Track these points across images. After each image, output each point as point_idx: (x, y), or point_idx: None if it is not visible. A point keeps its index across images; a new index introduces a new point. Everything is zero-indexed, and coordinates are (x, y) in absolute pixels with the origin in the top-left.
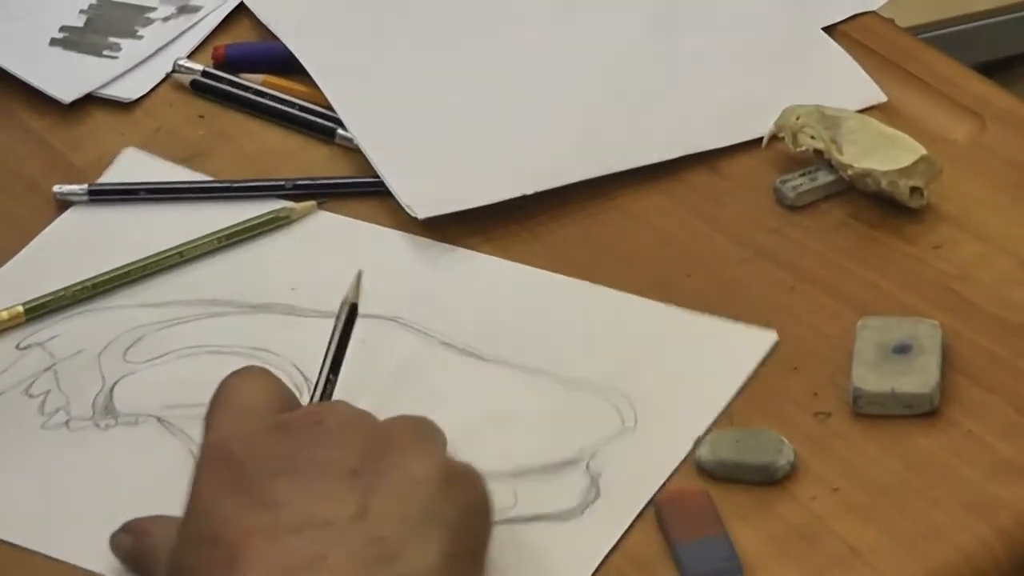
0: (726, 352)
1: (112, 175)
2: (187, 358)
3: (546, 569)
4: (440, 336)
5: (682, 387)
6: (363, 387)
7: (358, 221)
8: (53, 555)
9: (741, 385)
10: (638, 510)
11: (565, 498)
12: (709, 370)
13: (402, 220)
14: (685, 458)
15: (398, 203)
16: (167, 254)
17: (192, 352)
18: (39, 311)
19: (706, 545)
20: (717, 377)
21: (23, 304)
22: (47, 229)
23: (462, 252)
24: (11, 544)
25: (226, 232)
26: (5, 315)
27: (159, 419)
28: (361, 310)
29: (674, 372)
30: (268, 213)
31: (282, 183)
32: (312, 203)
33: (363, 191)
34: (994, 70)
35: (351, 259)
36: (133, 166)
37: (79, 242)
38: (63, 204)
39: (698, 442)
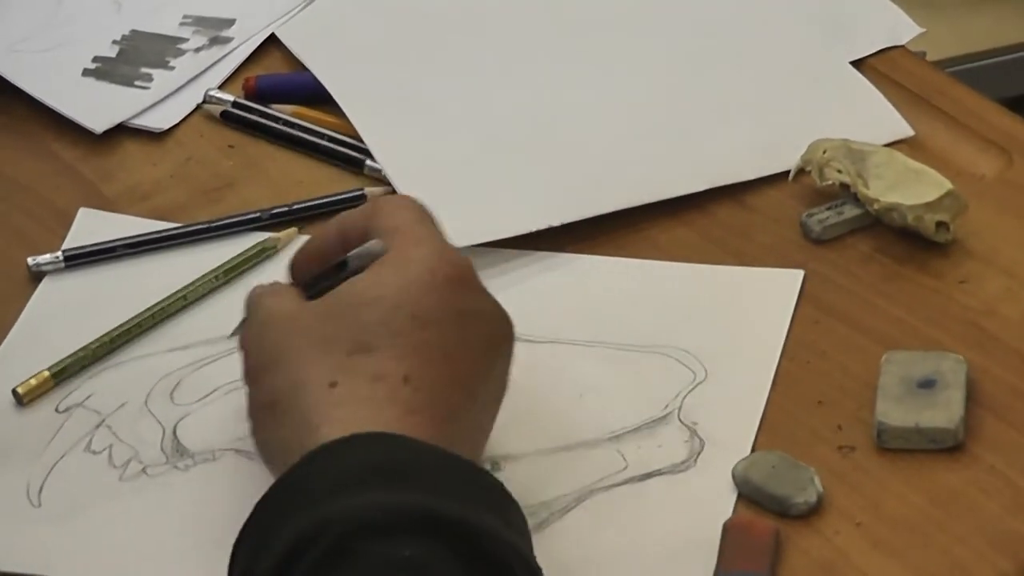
0: (763, 296)
1: (76, 239)
2: (235, 392)
3: (679, 518)
4: None
5: (735, 333)
6: None
7: None
8: None
9: (789, 323)
10: (747, 451)
11: (673, 452)
12: (754, 314)
13: None
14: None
15: None
16: (172, 299)
17: (237, 387)
18: (65, 373)
19: None
20: (764, 319)
21: (48, 369)
22: (29, 302)
23: (471, 250)
24: None
25: (223, 269)
26: (34, 382)
27: (236, 451)
28: None
29: (721, 321)
30: (256, 246)
31: (258, 215)
32: (293, 230)
33: (340, 208)
34: (1017, 104)
35: None
36: (94, 225)
37: (67, 309)
38: (38, 275)
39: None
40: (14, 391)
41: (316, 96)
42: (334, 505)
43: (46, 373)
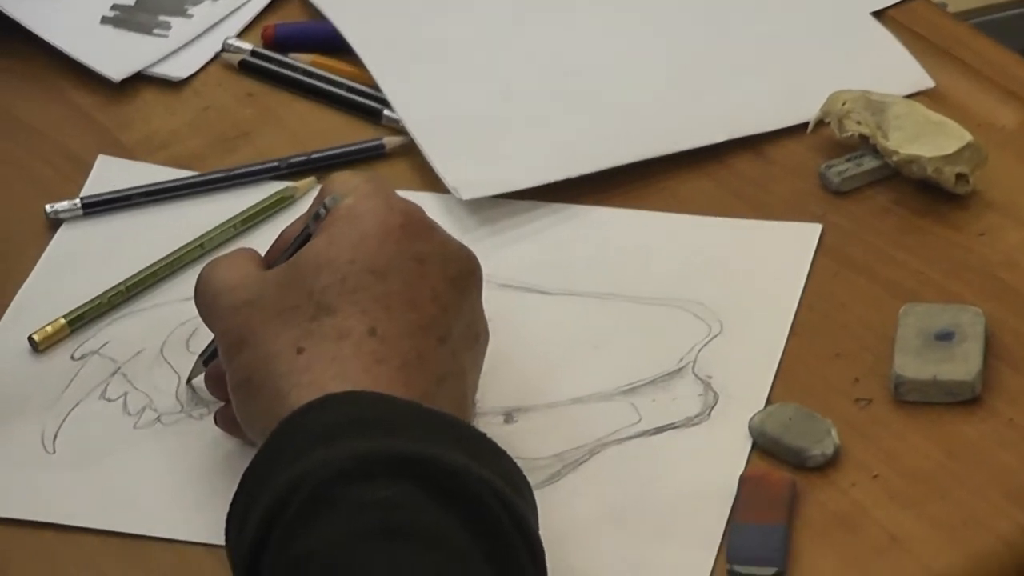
0: (780, 250)
1: (94, 186)
2: None
3: (693, 471)
4: (496, 279)
5: (751, 287)
6: None
7: None
8: (192, 540)
9: (806, 277)
10: (761, 404)
11: (687, 405)
12: (771, 268)
13: (406, 180)
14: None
15: (398, 166)
16: (189, 247)
17: None
18: (81, 321)
19: (760, 532)
20: (781, 273)
21: (64, 316)
22: (47, 249)
23: (485, 202)
24: (143, 537)
25: (241, 218)
26: (50, 329)
27: None
28: None
29: (738, 275)
30: (274, 195)
31: (276, 164)
32: (312, 179)
33: (359, 158)
34: None
35: None
36: (112, 173)
37: (83, 256)
38: (55, 222)
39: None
40: (30, 338)
41: (334, 45)
42: (309, 460)
43: (62, 320)
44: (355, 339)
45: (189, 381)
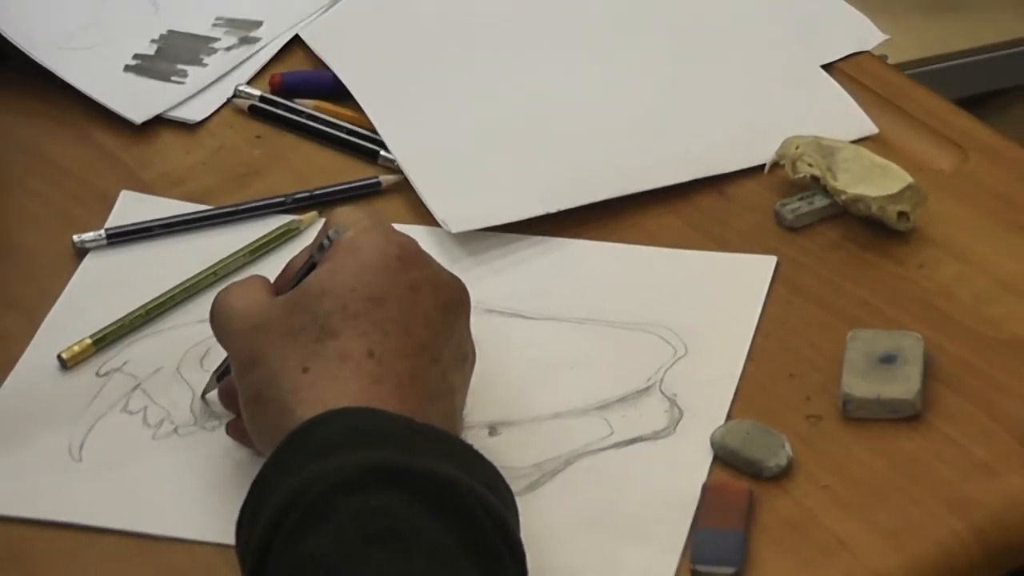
0: (739, 279)
1: (117, 219)
2: None
3: (659, 480)
4: (482, 305)
5: (713, 313)
6: None
7: None
8: (205, 540)
9: (763, 304)
10: (722, 420)
11: (654, 420)
12: (731, 295)
13: (400, 214)
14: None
15: (393, 202)
16: (203, 275)
17: None
18: (105, 340)
19: (720, 536)
20: (740, 300)
21: (90, 336)
22: (74, 276)
23: (472, 234)
24: (161, 537)
25: (250, 248)
26: (77, 348)
27: None
28: None
29: (701, 302)
30: (280, 227)
31: (282, 199)
32: (314, 213)
33: (358, 194)
34: (971, 104)
35: None
36: (133, 207)
37: (107, 282)
38: (82, 252)
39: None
40: (59, 356)
41: (336, 92)
42: (310, 471)
43: (88, 340)
44: (355, 361)
45: (203, 396)
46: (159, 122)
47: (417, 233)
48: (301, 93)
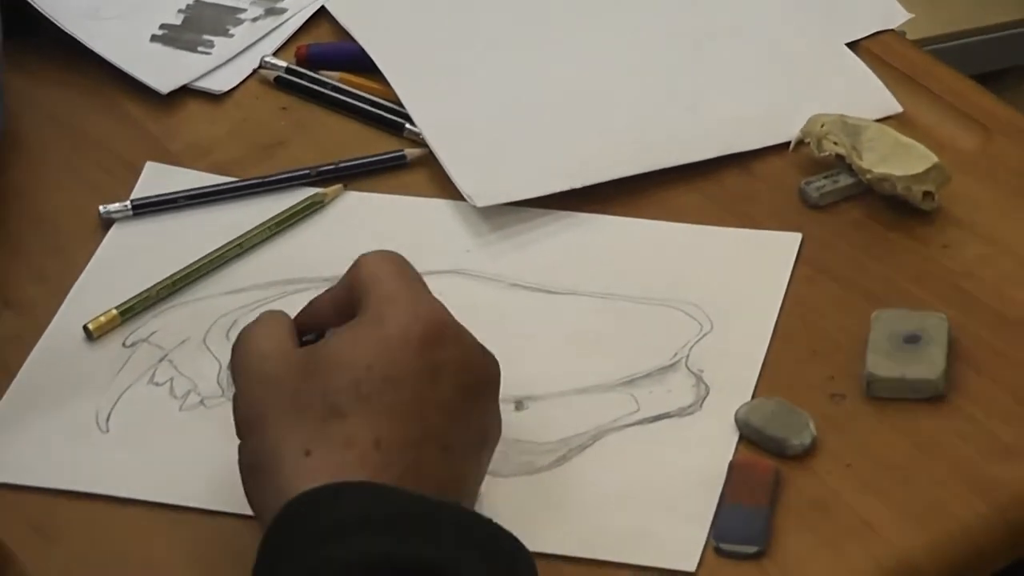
0: (764, 255)
1: (143, 189)
2: None
3: (687, 457)
4: (507, 279)
5: (738, 290)
6: None
7: (380, 194)
8: (229, 511)
9: (787, 282)
10: (748, 397)
11: (681, 396)
12: (756, 272)
13: (425, 188)
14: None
15: (418, 175)
16: (229, 247)
17: None
18: (131, 312)
19: (746, 513)
20: (765, 277)
21: (116, 307)
22: (101, 246)
23: (497, 209)
24: (186, 507)
25: (275, 220)
26: (103, 319)
27: None
28: (421, 268)
29: (726, 279)
30: (305, 199)
31: (307, 171)
32: (339, 186)
33: (383, 167)
34: (989, 80)
35: (388, 227)
36: (159, 178)
37: (133, 253)
38: (108, 222)
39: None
40: (85, 327)
41: (361, 64)
42: (314, 558)
43: (114, 311)
44: (360, 449)
45: (229, 367)
46: (185, 92)
47: (441, 207)
48: (327, 65)
